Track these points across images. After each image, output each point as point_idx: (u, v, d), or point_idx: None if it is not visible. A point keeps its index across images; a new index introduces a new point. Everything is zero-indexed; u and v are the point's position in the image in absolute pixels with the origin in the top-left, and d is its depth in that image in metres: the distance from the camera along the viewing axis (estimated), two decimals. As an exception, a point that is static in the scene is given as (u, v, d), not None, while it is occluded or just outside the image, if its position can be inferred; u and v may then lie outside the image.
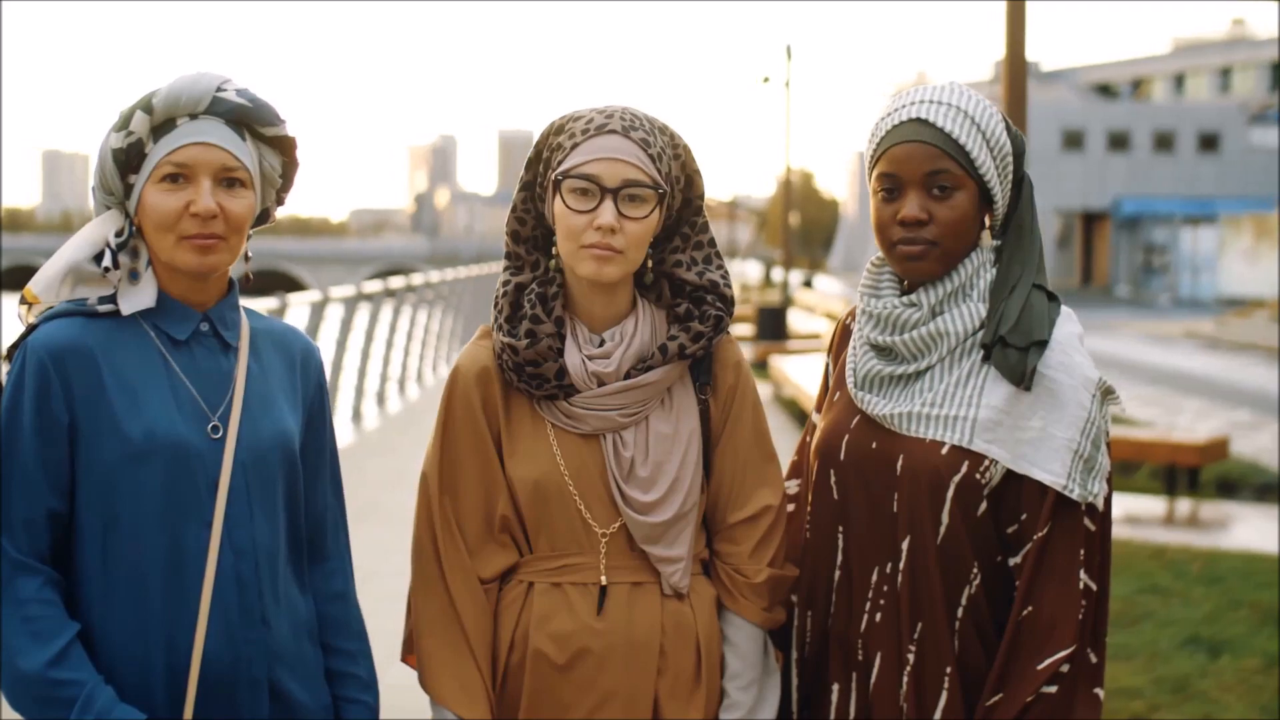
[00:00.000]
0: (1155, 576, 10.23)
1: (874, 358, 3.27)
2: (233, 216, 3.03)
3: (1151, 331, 43.28)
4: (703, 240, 3.36)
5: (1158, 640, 8.60)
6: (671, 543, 3.28)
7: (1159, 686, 7.80)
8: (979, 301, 3.20)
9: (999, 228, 3.27)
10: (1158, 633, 8.76)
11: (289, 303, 14.52)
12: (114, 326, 3.03)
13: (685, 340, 3.29)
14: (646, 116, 3.27)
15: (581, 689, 3.26)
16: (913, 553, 3.16)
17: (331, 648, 3.23)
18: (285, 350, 3.22)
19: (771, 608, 3.34)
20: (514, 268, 3.36)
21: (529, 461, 3.28)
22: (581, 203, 3.20)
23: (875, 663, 3.21)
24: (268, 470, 3.08)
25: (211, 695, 2.99)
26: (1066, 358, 3.13)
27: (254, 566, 3.04)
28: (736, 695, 3.32)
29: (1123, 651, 8.37)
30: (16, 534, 2.94)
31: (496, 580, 3.32)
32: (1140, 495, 14.10)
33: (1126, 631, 8.80)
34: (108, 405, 2.97)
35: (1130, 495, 13.95)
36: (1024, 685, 3.07)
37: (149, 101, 3.02)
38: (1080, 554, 3.10)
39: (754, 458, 3.37)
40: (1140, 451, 14.20)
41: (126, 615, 2.97)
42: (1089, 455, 3.11)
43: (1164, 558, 10.93)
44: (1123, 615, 9.15)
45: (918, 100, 3.23)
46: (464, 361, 3.35)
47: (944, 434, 3.15)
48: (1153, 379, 27.31)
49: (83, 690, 2.89)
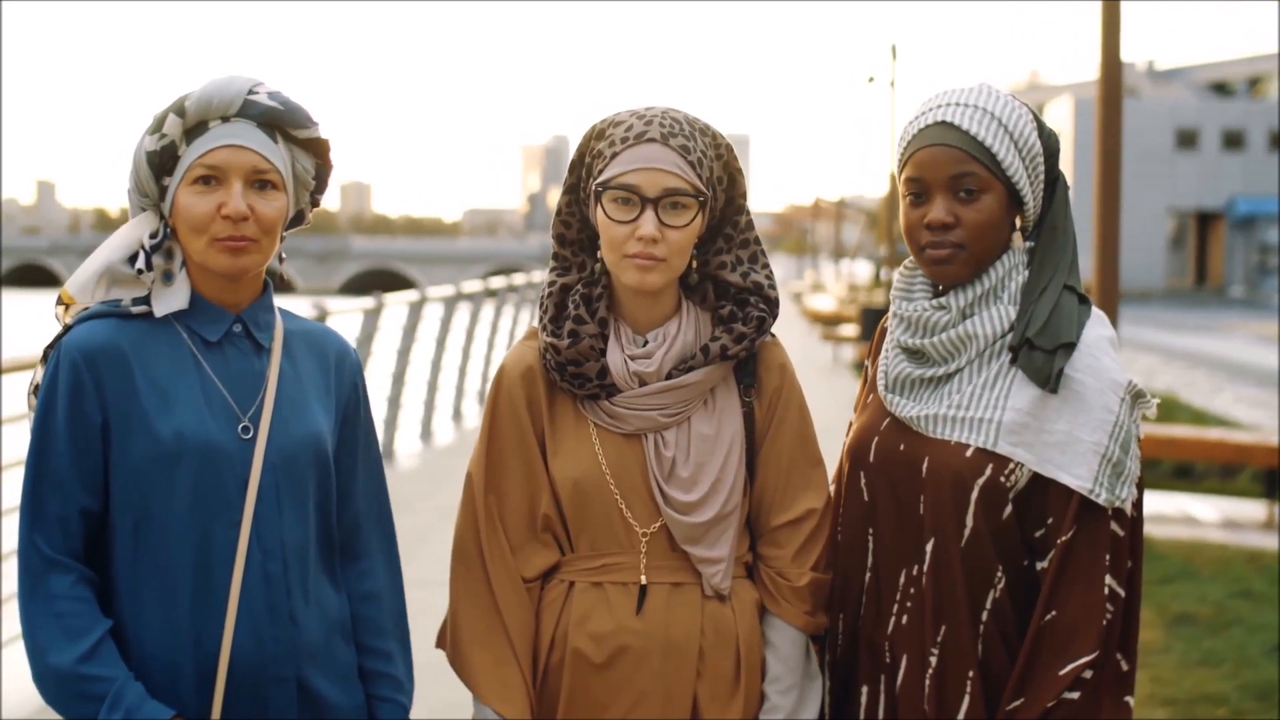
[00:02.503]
0: (1249, 581, 10.11)
1: (904, 360, 3.26)
2: (264, 218, 3.06)
3: (1264, 333, 42.65)
4: (748, 239, 3.36)
5: (1246, 646, 8.48)
6: (713, 544, 3.29)
7: (1244, 693, 7.69)
8: (1009, 304, 3.18)
9: (1032, 229, 3.25)
10: (1247, 638, 8.64)
11: (384, 302, 14.60)
12: (147, 327, 3.07)
13: (727, 341, 3.29)
14: (687, 119, 3.28)
15: (619, 688, 3.27)
16: (936, 555, 3.15)
17: (365, 647, 3.25)
18: (320, 351, 3.24)
19: (814, 611, 3.33)
20: (560, 269, 3.39)
21: (571, 460, 3.30)
22: (622, 213, 3.22)
23: (901, 665, 3.20)
24: (298, 471, 3.11)
25: (240, 692, 3.03)
26: (1095, 361, 3.11)
27: (282, 565, 3.07)
28: (776, 699, 3.31)
29: (1211, 657, 8.28)
30: (50, 531, 2.99)
31: (539, 579, 3.34)
32: (1241, 499, 13.91)
33: (1216, 637, 8.70)
34: (139, 405, 3.01)
35: (1231, 499, 13.77)
36: (1045, 690, 3.04)
37: (181, 104, 3.06)
38: (1106, 559, 3.07)
39: (798, 461, 3.36)
40: (1241, 454, 13.99)
41: (156, 612, 3.01)
42: (1117, 459, 3.08)
43: (1259, 562, 10.79)
44: (1213, 620, 9.05)
45: (943, 103, 3.21)
46: (509, 361, 3.38)
47: (969, 436, 3.14)
48: (1260, 381, 26.93)
49: (112, 686, 2.93)
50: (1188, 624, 9.00)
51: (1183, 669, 8.08)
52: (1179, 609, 9.31)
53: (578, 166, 3.33)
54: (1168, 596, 9.65)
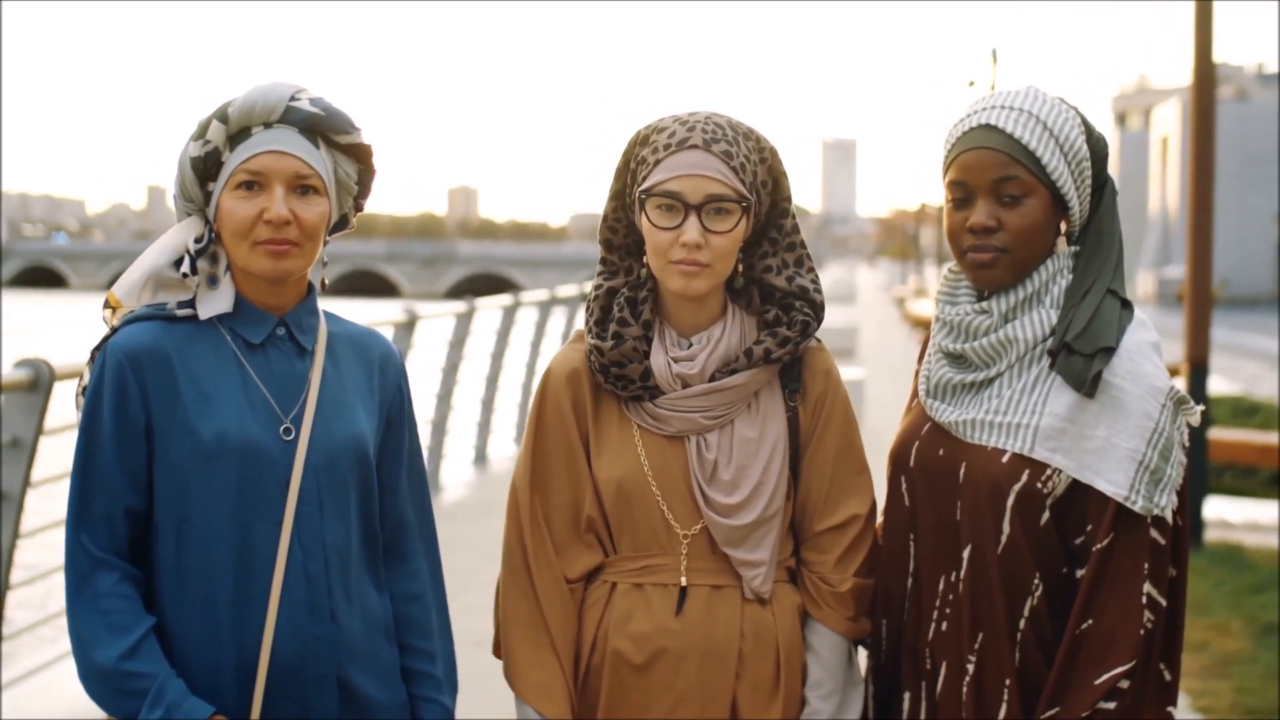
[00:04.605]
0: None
1: (946, 365, 3.25)
2: (306, 223, 3.10)
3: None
4: (793, 242, 3.36)
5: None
6: (754, 547, 3.29)
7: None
8: (1052, 308, 3.15)
9: (1077, 234, 3.22)
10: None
11: (476, 306, 14.67)
12: (192, 330, 3.12)
13: (771, 345, 3.30)
14: (730, 123, 3.28)
15: (658, 689, 3.28)
16: (973, 562, 3.13)
17: (408, 647, 3.27)
18: (364, 354, 3.27)
19: (856, 617, 3.32)
20: (607, 273, 3.41)
21: (614, 461, 3.32)
22: (666, 219, 3.23)
23: (941, 672, 3.19)
24: (339, 472, 3.14)
25: (280, 690, 3.06)
26: (1135, 366, 3.08)
27: (323, 565, 3.10)
28: (817, 704, 3.31)
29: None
30: (96, 530, 3.04)
31: (582, 580, 3.36)
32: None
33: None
34: (182, 406, 3.06)
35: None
36: (1080, 699, 3.02)
37: (225, 111, 3.10)
38: (1145, 567, 3.04)
39: (843, 466, 3.36)
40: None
41: (198, 611, 3.05)
42: (1155, 466, 3.05)
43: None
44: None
45: (989, 106, 3.19)
46: (556, 363, 3.41)
47: (1006, 442, 3.12)
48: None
49: (154, 683, 2.97)
50: (1276, 634, 8.87)
51: (1268, 679, 7.97)
52: (1268, 619, 9.19)
53: (623, 173, 3.35)
54: (1256, 606, 9.53)
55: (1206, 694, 7.74)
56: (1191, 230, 11.96)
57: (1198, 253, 11.91)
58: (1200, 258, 11.90)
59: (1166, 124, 78.15)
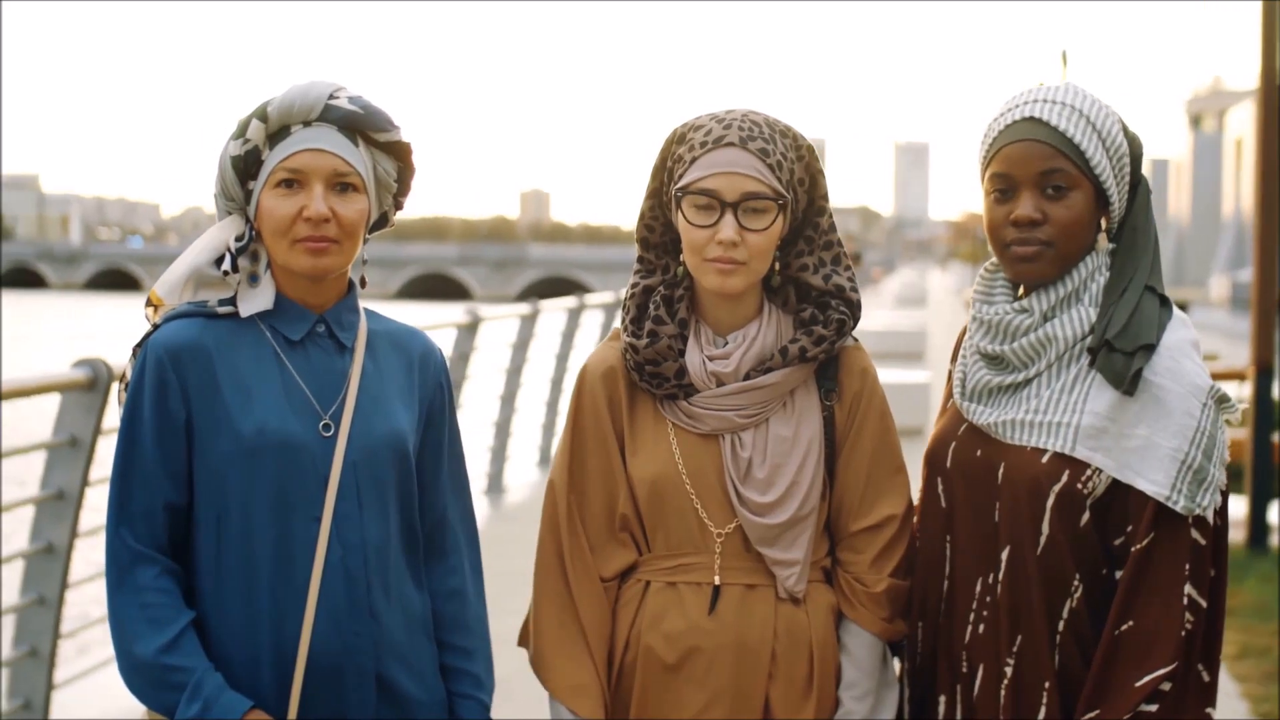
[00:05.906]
0: None
1: (983, 368, 3.21)
2: (345, 221, 3.11)
3: None
4: (830, 240, 3.35)
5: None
6: (788, 546, 3.28)
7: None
8: (1091, 306, 3.13)
9: (1114, 231, 3.20)
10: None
11: (540, 308, 14.69)
12: (232, 327, 3.14)
13: (806, 344, 3.29)
14: (767, 121, 3.28)
15: (691, 688, 3.27)
16: (1012, 563, 3.10)
17: (447, 644, 3.29)
18: (404, 351, 3.29)
19: (891, 618, 3.31)
20: (644, 271, 3.41)
21: (648, 460, 3.32)
22: (702, 217, 3.23)
23: (978, 675, 3.16)
24: (379, 468, 3.16)
25: (318, 685, 3.07)
26: (1175, 364, 3.05)
27: (362, 561, 3.11)
28: (851, 704, 3.30)
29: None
30: (136, 525, 3.07)
31: (616, 579, 3.36)
32: None
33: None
34: (222, 402, 3.08)
35: None
36: (1122, 701, 2.99)
37: (264, 110, 3.12)
38: (1185, 568, 3.01)
39: (879, 466, 3.34)
40: None
41: (237, 605, 3.07)
42: (1199, 466, 3.02)
43: None
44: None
45: (1032, 99, 3.17)
46: (592, 362, 3.42)
47: (1046, 441, 3.09)
48: None
49: (192, 677, 2.99)
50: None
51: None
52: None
53: (660, 171, 3.35)
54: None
55: (1268, 699, 7.67)
56: (1259, 233, 11.86)
57: (1264, 256, 11.80)
58: (1267, 261, 11.79)
59: (1241, 126, 77.41)
